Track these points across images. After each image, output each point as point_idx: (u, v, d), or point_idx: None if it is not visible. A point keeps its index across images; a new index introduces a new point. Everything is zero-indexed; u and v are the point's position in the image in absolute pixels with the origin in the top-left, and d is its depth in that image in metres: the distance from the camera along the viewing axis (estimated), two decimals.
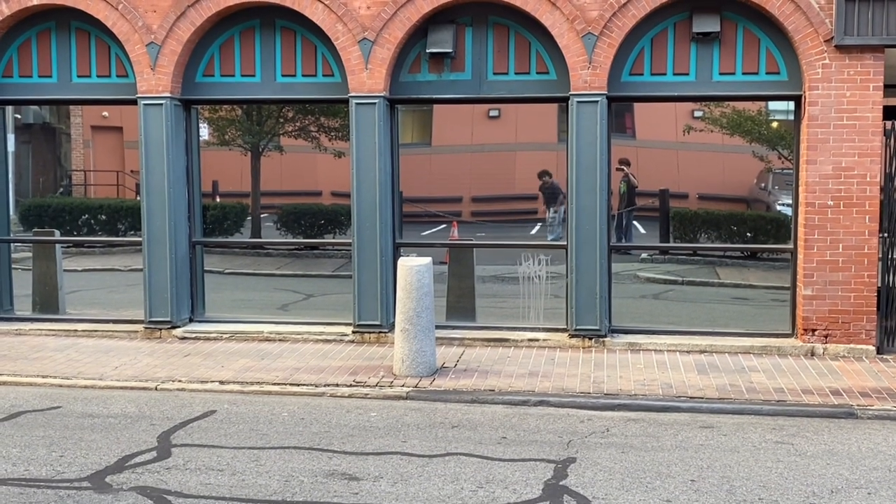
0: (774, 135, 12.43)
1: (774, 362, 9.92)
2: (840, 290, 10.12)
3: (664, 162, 13.63)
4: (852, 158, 10.02)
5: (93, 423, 7.89)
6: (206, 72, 11.20)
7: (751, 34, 10.33)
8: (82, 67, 11.38)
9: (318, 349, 10.61)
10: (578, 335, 10.59)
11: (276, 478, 6.52)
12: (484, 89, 10.78)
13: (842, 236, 10.08)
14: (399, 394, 8.78)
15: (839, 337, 10.17)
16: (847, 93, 9.96)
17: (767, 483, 6.44)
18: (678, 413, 8.26)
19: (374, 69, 10.62)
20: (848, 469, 6.76)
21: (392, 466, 6.77)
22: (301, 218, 13.91)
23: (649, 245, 13.89)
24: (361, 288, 10.86)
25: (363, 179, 10.76)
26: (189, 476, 6.55)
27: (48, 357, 10.24)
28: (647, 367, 9.73)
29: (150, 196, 11.11)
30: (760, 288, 12.87)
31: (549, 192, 13.16)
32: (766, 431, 7.69)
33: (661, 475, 6.59)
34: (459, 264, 11.91)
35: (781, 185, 12.73)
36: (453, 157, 14.09)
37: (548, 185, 13.19)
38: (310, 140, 13.70)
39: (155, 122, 11.01)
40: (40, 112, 14.66)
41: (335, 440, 7.41)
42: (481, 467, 6.74)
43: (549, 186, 13.15)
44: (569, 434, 7.60)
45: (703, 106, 12.45)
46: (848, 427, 7.88)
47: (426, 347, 9.31)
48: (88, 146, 15.35)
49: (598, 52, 10.26)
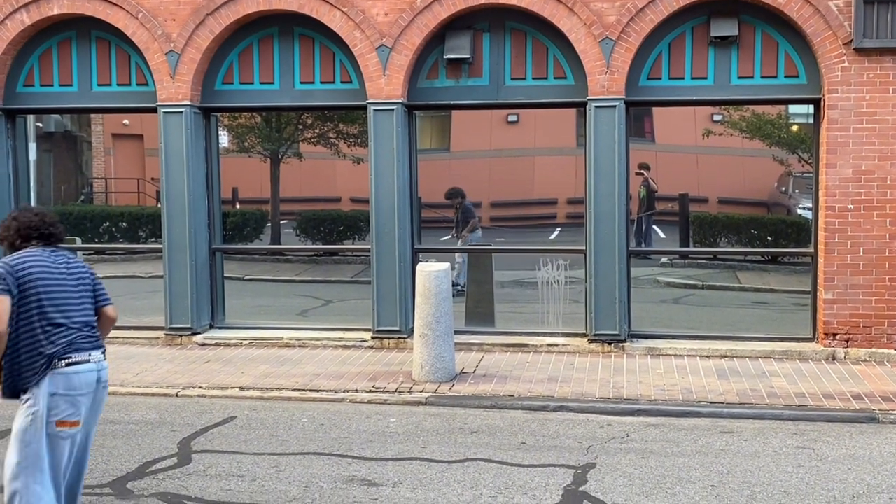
0: (794, 138, 12.36)
1: (795, 367, 9.86)
2: (861, 293, 10.05)
3: (684, 166, 13.57)
4: (872, 162, 9.96)
5: (114, 430, 7.93)
6: (225, 80, 11.27)
7: (769, 38, 10.29)
8: (103, 76, 11.47)
9: (337, 355, 10.64)
10: (598, 340, 10.57)
11: (295, 483, 6.54)
12: (502, 95, 10.79)
13: (862, 240, 10.02)
14: (418, 399, 8.79)
15: (860, 341, 10.11)
16: (867, 96, 9.91)
17: (788, 488, 6.40)
18: (698, 418, 8.23)
19: (391, 75, 10.65)
20: (869, 474, 6.71)
21: (411, 472, 6.77)
22: (320, 224, 13.94)
23: (669, 249, 13.83)
24: (380, 293, 10.89)
25: (382, 185, 10.79)
26: (209, 482, 6.58)
27: None
28: (667, 371, 9.69)
29: (171, 203, 11.18)
30: (781, 292, 12.78)
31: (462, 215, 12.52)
32: (786, 436, 7.65)
33: (682, 480, 6.56)
34: (478, 269, 11.91)
35: (802, 189, 12.66)
36: (472, 162, 14.09)
37: (459, 206, 12.54)
38: (329, 147, 13.73)
39: (175, 130, 11.08)
40: (62, 120, 14.76)
41: (354, 446, 7.42)
42: (501, 473, 6.74)
43: (462, 208, 12.54)
44: (588, 439, 7.59)
45: (723, 110, 12.41)
46: (869, 432, 7.83)
47: (445, 353, 9.31)
48: (109, 154, 15.44)
49: (616, 56, 10.25)
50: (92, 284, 5.15)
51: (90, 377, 4.93)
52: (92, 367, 4.94)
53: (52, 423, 4.81)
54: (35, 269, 4.87)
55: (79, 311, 4.98)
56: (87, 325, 5.01)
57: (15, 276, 4.78)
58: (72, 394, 4.84)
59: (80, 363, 4.87)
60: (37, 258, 4.94)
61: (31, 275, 4.83)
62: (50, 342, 4.82)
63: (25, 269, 4.83)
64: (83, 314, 5.01)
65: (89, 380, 4.92)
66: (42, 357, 4.79)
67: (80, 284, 5.06)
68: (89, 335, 4.99)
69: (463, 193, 12.48)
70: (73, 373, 4.85)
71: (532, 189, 14.22)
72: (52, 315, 4.85)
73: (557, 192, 13.70)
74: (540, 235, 14.10)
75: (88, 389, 4.92)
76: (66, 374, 4.82)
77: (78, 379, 4.87)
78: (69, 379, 4.83)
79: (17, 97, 11.63)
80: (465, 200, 12.50)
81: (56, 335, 4.84)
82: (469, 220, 12.49)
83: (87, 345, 4.95)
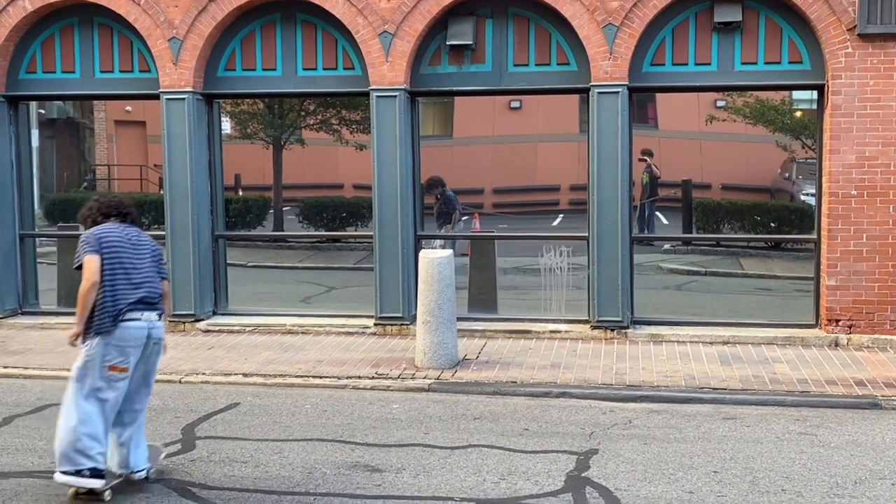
0: (798, 124, 12.35)
1: (798, 353, 9.87)
2: (864, 280, 10.05)
3: (687, 152, 13.57)
4: (876, 148, 9.94)
5: None
6: (228, 66, 11.25)
7: (773, 23, 10.26)
8: (105, 63, 11.46)
9: (340, 341, 10.65)
10: (600, 327, 10.58)
11: (299, 469, 6.56)
12: (504, 81, 10.76)
13: (865, 226, 10.01)
14: (421, 386, 8.80)
15: (863, 327, 10.11)
16: (870, 82, 9.88)
17: (791, 474, 6.42)
18: (701, 404, 8.24)
19: (394, 62, 10.62)
20: (872, 460, 6.72)
21: (414, 458, 6.79)
22: (323, 211, 13.95)
23: (672, 236, 13.84)
24: (383, 280, 10.89)
25: (384, 172, 10.78)
26: (213, 468, 6.60)
27: (74, 351, 10.31)
28: (670, 358, 9.71)
29: (173, 190, 11.18)
30: (784, 278, 12.79)
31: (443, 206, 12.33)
32: (789, 422, 7.66)
33: (684, 466, 6.58)
34: (481, 256, 11.92)
35: (805, 175, 12.64)
36: (475, 148, 14.08)
37: (440, 196, 12.31)
38: (331, 133, 13.73)
39: (177, 117, 11.07)
40: (64, 107, 14.75)
41: (358, 432, 7.44)
42: (503, 459, 6.76)
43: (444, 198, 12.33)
44: (591, 426, 7.60)
45: (726, 96, 12.39)
46: (872, 418, 7.84)
47: (448, 339, 9.33)
48: (112, 141, 15.45)
49: (619, 42, 10.22)
50: (155, 257, 6.14)
51: (140, 333, 5.90)
52: (142, 325, 5.90)
53: (105, 367, 5.84)
54: (112, 237, 5.94)
55: (139, 277, 5.95)
56: (146, 289, 5.96)
57: (99, 242, 5.86)
58: (122, 345, 5.85)
59: (132, 320, 5.85)
60: (113, 230, 6.02)
61: (108, 242, 5.91)
62: (113, 301, 5.83)
63: (105, 237, 5.91)
64: (143, 279, 5.97)
65: (139, 335, 5.89)
66: (105, 313, 5.80)
67: (145, 256, 6.07)
68: (146, 298, 5.94)
69: (443, 182, 12.32)
70: (126, 328, 5.84)
71: (535, 175, 14.21)
72: (119, 277, 5.87)
73: (560, 178, 13.70)
74: (543, 222, 14.10)
75: (137, 343, 5.90)
76: (121, 328, 5.82)
77: (129, 333, 5.85)
78: (122, 333, 5.83)
79: (19, 84, 11.62)
80: (447, 190, 12.35)
81: (119, 295, 5.84)
82: (451, 211, 12.39)
83: (143, 306, 5.91)
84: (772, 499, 5.96)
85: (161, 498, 6.02)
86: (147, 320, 5.94)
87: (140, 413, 6.20)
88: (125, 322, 5.84)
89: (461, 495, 6.04)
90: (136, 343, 5.91)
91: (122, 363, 5.88)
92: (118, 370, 5.88)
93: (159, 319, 6.04)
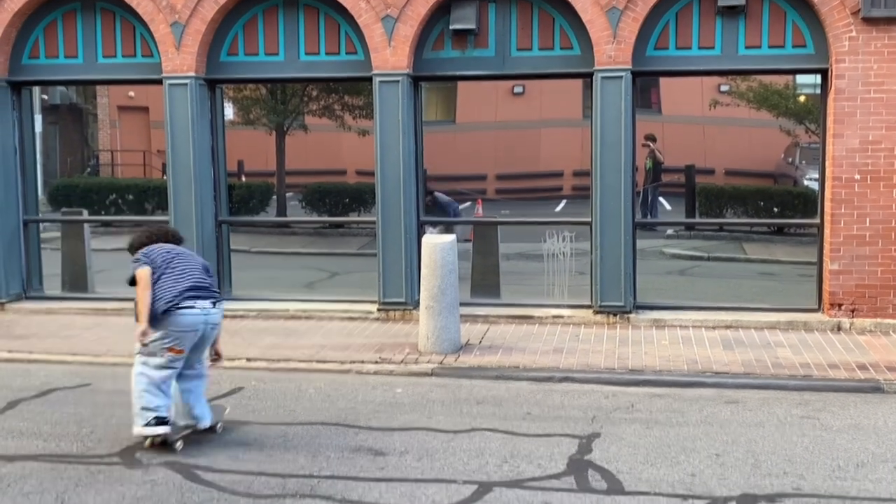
0: (802, 109, 12.33)
1: (800, 337, 9.87)
2: (867, 264, 10.04)
3: (690, 137, 13.56)
4: (880, 132, 9.91)
5: (123, 400, 7.94)
6: (230, 51, 11.23)
7: (777, 7, 10.22)
8: (108, 48, 11.44)
9: (343, 327, 10.67)
10: (603, 312, 10.58)
11: (303, 453, 6.58)
12: (507, 66, 10.73)
13: (869, 210, 10.00)
14: (424, 370, 8.82)
15: (866, 311, 10.10)
16: (874, 65, 9.85)
17: (793, 457, 6.43)
18: (703, 388, 8.25)
19: (397, 46, 10.61)
20: (874, 443, 6.74)
21: (418, 442, 6.82)
22: (326, 196, 13.96)
23: (675, 221, 13.84)
24: (386, 266, 10.90)
25: (387, 157, 10.77)
26: (218, 451, 6.62)
27: (78, 335, 10.38)
28: (673, 342, 9.72)
29: (177, 175, 11.18)
30: (787, 263, 12.80)
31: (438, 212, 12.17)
32: (791, 406, 7.67)
33: (686, 450, 6.60)
34: (484, 241, 11.92)
35: (809, 160, 12.64)
36: (478, 134, 14.07)
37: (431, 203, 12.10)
38: (334, 119, 13.72)
39: (180, 102, 11.06)
40: (67, 93, 14.76)
41: (361, 416, 7.47)
42: (506, 442, 6.78)
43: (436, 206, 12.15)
44: (593, 410, 7.62)
45: (730, 80, 12.37)
46: (874, 401, 7.85)
47: (451, 324, 9.34)
48: (115, 126, 15.46)
49: (623, 26, 10.19)
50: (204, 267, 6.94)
51: (195, 319, 6.60)
52: (197, 313, 6.61)
53: (164, 349, 6.57)
54: (160, 250, 6.80)
55: (187, 274, 6.71)
56: (194, 279, 6.71)
57: (149, 258, 6.70)
58: (178, 330, 6.56)
59: (187, 308, 6.55)
60: (163, 247, 6.89)
61: (157, 253, 6.75)
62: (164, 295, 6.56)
63: (153, 251, 6.78)
64: (190, 275, 6.73)
65: (194, 321, 6.60)
66: (163, 304, 6.52)
67: (195, 263, 6.91)
68: (196, 285, 6.67)
69: (430, 190, 12.12)
70: (182, 315, 6.54)
71: (538, 161, 14.21)
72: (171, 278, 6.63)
73: (563, 164, 13.70)
74: (546, 207, 14.11)
75: (193, 328, 6.61)
76: (176, 315, 6.53)
77: (184, 320, 6.56)
78: (178, 320, 6.54)
79: (22, 69, 11.61)
80: (438, 196, 12.17)
81: (168, 289, 6.57)
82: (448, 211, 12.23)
83: (194, 294, 6.62)
84: (774, 482, 5.98)
85: (167, 481, 6.05)
86: (201, 308, 6.63)
87: (199, 375, 6.97)
88: (180, 310, 6.53)
89: (464, 478, 6.06)
90: (191, 328, 6.60)
91: (178, 345, 6.60)
92: (175, 352, 6.60)
93: (214, 307, 6.73)
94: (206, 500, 5.72)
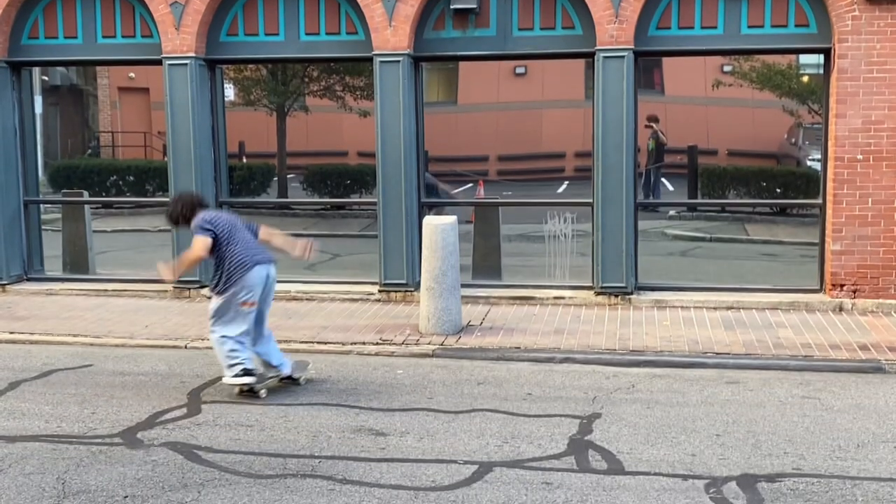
0: (805, 89, 12.25)
1: (802, 318, 9.87)
2: (869, 244, 10.03)
3: (693, 118, 13.47)
4: (882, 112, 9.88)
5: (124, 381, 8.00)
6: (230, 31, 11.19)
7: None
8: (107, 28, 11.40)
9: (344, 308, 10.67)
10: (604, 293, 10.58)
11: (304, 433, 6.59)
12: (509, 46, 10.69)
13: (871, 191, 9.97)
14: (425, 352, 8.83)
15: (867, 292, 10.10)
16: (877, 45, 9.80)
17: (793, 437, 6.43)
18: (704, 369, 8.26)
19: (397, 26, 10.55)
20: (875, 423, 6.74)
21: (418, 422, 6.82)
22: (327, 178, 13.89)
23: (677, 202, 13.75)
24: (387, 247, 10.89)
25: (388, 139, 10.74)
26: (219, 432, 6.64)
27: (79, 316, 10.38)
28: (674, 323, 9.71)
29: (177, 157, 11.17)
30: (789, 244, 12.74)
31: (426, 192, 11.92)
32: (792, 386, 7.67)
33: (687, 430, 6.60)
34: (485, 223, 11.90)
35: (812, 140, 12.56)
36: (479, 115, 13.99)
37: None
38: (335, 100, 13.64)
39: (180, 83, 11.03)
40: (67, 73, 14.70)
41: (362, 397, 7.48)
42: (507, 423, 6.79)
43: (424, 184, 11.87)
44: (594, 390, 7.62)
45: (733, 60, 12.27)
46: (875, 382, 7.85)
47: (452, 306, 9.33)
48: (116, 107, 15.39)
49: (625, 5, 10.14)
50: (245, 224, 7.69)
51: (261, 274, 7.45)
52: (261, 269, 7.44)
53: (238, 302, 7.39)
54: (226, 223, 7.49)
55: (251, 241, 7.56)
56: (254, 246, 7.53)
57: (216, 227, 7.38)
58: (248, 285, 7.38)
59: (253, 265, 7.38)
60: (218, 213, 7.73)
61: (222, 222, 7.47)
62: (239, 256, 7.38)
63: (221, 222, 7.47)
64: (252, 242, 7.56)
65: (261, 276, 7.45)
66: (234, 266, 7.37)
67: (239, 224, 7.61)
68: (256, 251, 7.51)
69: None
70: (249, 273, 7.37)
71: (539, 142, 14.13)
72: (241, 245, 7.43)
73: (565, 145, 13.62)
74: (547, 189, 14.04)
75: (260, 283, 7.45)
76: (251, 273, 7.38)
77: (252, 277, 7.38)
78: (247, 277, 7.37)
79: (21, 49, 11.58)
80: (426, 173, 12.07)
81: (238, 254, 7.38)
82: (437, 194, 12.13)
83: (257, 255, 7.48)
84: (774, 462, 5.98)
85: (168, 461, 6.06)
86: (264, 263, 7.52)
87: (268, 336, 7.79)
88: (253, 269, 7.39)
89: (465, 458, 6.07)
90: (260, 282, 7.44)
91: (251, 298, 7.40)
92: (248, 304, 7.41)
93: (271, 264, 7.61)
94: (206, 480, 5.73)
